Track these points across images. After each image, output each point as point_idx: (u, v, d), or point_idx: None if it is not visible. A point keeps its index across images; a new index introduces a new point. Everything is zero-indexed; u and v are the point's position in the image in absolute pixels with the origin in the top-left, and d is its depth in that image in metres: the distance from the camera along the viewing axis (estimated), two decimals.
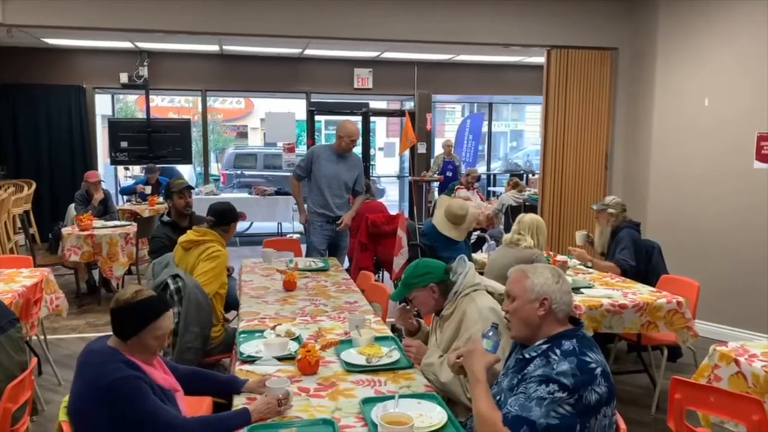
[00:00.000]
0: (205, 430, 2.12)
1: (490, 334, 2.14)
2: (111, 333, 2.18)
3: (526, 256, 3.83)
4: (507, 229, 7.47)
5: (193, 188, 4.85)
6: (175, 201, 4.66)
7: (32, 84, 9.28)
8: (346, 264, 5.90)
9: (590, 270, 4.64)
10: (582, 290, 3.95)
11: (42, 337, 4.59)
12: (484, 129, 12.87)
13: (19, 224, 8.24)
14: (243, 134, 22.31)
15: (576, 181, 6.54)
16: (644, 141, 6.20)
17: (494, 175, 13.33)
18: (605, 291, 3.97)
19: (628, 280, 4.35)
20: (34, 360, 2.68)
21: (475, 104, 16.56)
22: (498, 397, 2.05)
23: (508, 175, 12.47)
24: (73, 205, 7.09)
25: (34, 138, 9.41)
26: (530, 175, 11.85)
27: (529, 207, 7.51)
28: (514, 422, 1.87)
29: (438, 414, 2.17)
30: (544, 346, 2.01)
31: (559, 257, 4.66)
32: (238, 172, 13.85)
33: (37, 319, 4.14)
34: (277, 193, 10.21)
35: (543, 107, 6.58)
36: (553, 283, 2.06)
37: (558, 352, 1.96)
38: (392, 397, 2.21)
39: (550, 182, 6.52)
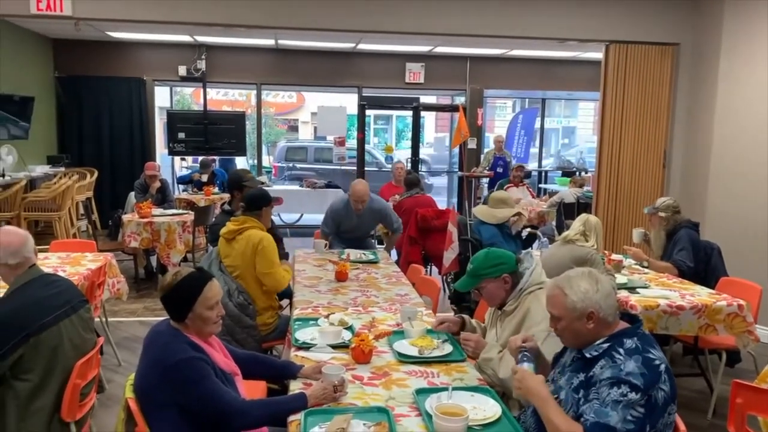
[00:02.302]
0: (264, 412, 2.19)
1: (525, 360, 2.13)
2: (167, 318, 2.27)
3: (581, 254, 3.77)
4: (560, 226, 7.40)
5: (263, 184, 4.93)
6: (238, 193, 4.73)
7: (96, 76, 9.63)
8: (394, 256, 5.93)
9: (646, 270, 4.54)
10: (638, 290, 3.88)
11: (103, 319, 4.78)
12: (537, 125, 12.69)
13: (81, 210, 8.58)
14: (294, 128, 22.61)
15: (632, 179, 6.40)
16: (704, 140, 6.01)
17: (545, 172, 13.13)
18: (662, 291, 3.88)
19: (685, 281, 4.24)
20: (101, 339, 2.80)
21: (527, 100, 16.37)
22: (556, 396, 2.03)
23: (560, 172, 12.28)
24: (133, 194, 7.34)
25: (96, 128, 9.78)
26: (583, 173, 11.62)
27: (583, 204, 7.39)
28: (593, 429, 1.85)
29: (492, 407, 2.17)
30: (605, 345, 1.98)
31: (614, 256, 4.57)
32: (290, 164, 14.05)
33: (100, 301, 4.32)
34: (327, 186, 10.30)
35: (600, 103, 6.45)
36: (594, 293, 2.01)
37: (621, 351, 1.94)
38: (446, 389, 2.22)
39: (605, 180, 6.40)
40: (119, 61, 9.73)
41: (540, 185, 12.14)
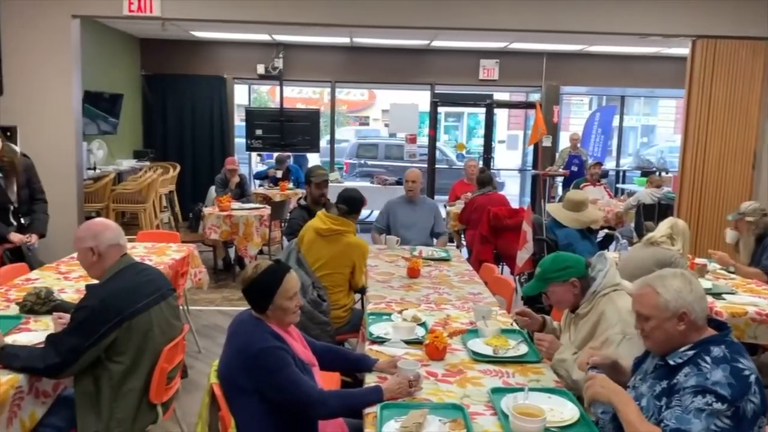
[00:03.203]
0: (340, 402, 2.24)
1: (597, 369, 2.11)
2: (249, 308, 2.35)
3: (665, 257, 3.63)
4: (638, 228, 7.15)
5: (329, 182, 5.05)
6: (312, 189, 4.90)
7: (180, 74, 10.04)
8: (465, 255, 5.91)
9: (732, 275, 4.33)
10: (724, 296, 3.71)
11: (185, 307, 4.99)
12: (615, 123, 12.30)
13: (164, 203, 8.98)
14: (365, 125, 22.83)
15: (718, 181, 6.12)
16: None
17: (624, 171, 12.71)
18: (750, 298, 3.70)
19: None
20: (186, 326, 2.93)
21: (604, 97, 15.87)
22: (638, 403, 1.98)
23: (639, 172, 11.86)
24: (213, 188, 7.62)
25: (179, 124, 10.21)
26: (663, 173, 11.17)
27: (664, 206, 7.11)
28: None
29: (569, 410, 2.14)
30: (691, 353, 1.91)
31: (698, 260, 4.39)
32: (361, 161, 14.20)
33: (183, 290, 4.51)
34: (398, 182, 10.34)
35: (685, 101, 6.19)
36: (688, 293, 1.93)
37: (708, 359, 1.86)
38: (522, 389, 2.20)
39: (689, 181, 6.14)
40: (201, 60, 10.10)
41: (617, 185, 11.76)
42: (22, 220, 4.39)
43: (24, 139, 5.63)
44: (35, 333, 2.80)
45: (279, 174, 8.94)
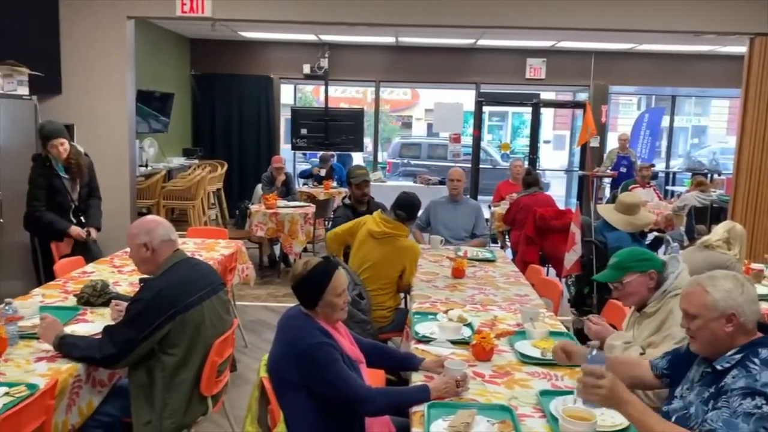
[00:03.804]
0: (388, 400, 2.25)
1: (593, 354, 1.90)
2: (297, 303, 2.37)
3: (720, 261, 3.53)
4: (689, 231, 6.95)
5: (369, 182, 5.07)
6: (353, 190, 4.94)
7: (228, 74, 10.23)
8: (509, 255, 5.85)
9: None
10: None
11: (232, 302, 5.08)
12: (663, 124, 12.00)
13: (212, 200, 9.16)
14: (407, 124, 22.84)
15: None
16: None
17: (674, 173, 12.38)
18: None
19: None
20: (236, 321, 2.99)
21: (653, 97, 15.49)
22: (685, 412, 1.94)
23: (690, 174, 11.53)
24: (260, 186, 7.74)
25: (226, 123, 10.40)
26: (716, 175, 10.84)
27: (717, 209, 6.90)
28: None
29: (620, 415, 2.09)
30: (738, 356, 1.87)
31: (754, 265, 4.24)
32: (404, 161, 14.21)
33: (230, 285, 4.60)
34: (441, 182, 10.31)
35: (741, 101, 6.00)
36: (738, 295, 1.89)
37: (757, 360, 1.81)
38: (571, 392, 2.17)
39: (744, 183, 5.95)
40: (249, 60, 10.27)
41: (667, 187, 11.47)
42: (82, 218, 4.55)
43: (80, 137, 5.82)
44: (92, 324, 2.91)
45: (322, 173, 9.02)
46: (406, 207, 3.97)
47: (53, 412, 2.24)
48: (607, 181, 9.95)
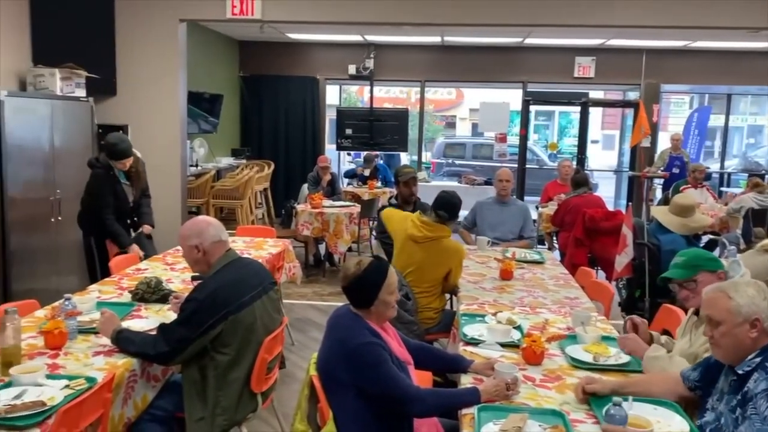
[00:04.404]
0: (437, 401, 2.24)
1: (612, 411, 1.94)
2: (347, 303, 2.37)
3: None
4: (746, 234, 6.70)
5: (417, 179, 5.05)
6: (401, 188, 4.92)
7: (275, 75, 10.38)
8: (557, 257, 5.75)
9: None
10: None
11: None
12: (711, 123, 11.63)
13: (259, 200, 9.30)
14: (451, 124, 22.73)
15: None
16: None
17: (728, 174, 11.97)
18: None
19: None
20: (285, 319, 3.02)
21: (707, 95, 15.00)
22: (717, 423, 1.93)
23: (746, 175, 11.13)
24: (305, 185, 7.82)
25: (273, 123, 10.56)
26: None
27: None
28: None
29: (678, 423, 2.04)
30: (758, 359, 1.88)
31: None
32: (448, 161, 14.14)
33: (279, 284, 4.65)
34: (486, 183, 10.22)
35: None
36: (761, 300, 1.91)
37: None
38: (626, 399, 2.12)
39: None
40: (295, 61, 10.39)
41: (721, 188, 11.10)
42: (135, 218, 4.69)
43: (134, 137, 5.99)
44: (146, 320, 2.98)
45: (366, 172, 9.05)
46: (447, 207, 3.88)
47: (110, 406, 2.30)
48: (658, 182, 9.69)
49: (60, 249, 5.15)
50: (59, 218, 5.10)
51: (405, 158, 12.05)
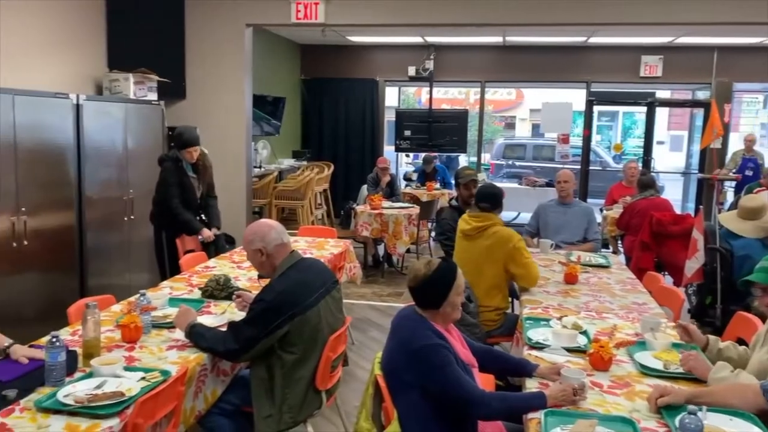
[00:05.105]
0: (502, 405, 2.22)
1: (687, 422, 1.87)
2: (410, 303, 2.38)
3: None
4: None
5: (477, 182, 5.02)
6: (461, 190, 4.91)
7: (335, 78, 10.51)
8: (622, 260, 5.60)
9: None
10: None
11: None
12: None
13: (319, 200, 9.44)
14: (510, 125, 22.47)
15: None
16: None
17: None
18: None
19: None
20: (349, 318, 3.06)
21: None
22: None
23: None
24: (365, 186, 7.89)
25: (333, 125, 10.70)
26: None
27: None
28: None
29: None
30: None
31: None
32: (508, 162, 13.96)
33: (340, 283, 4.71)
34: (548, 184, 10.04)
35: None
36: None
37: None
38: (700, 409, 2.05)
39: None
40: (356, 64, 10.49)
41: None
42: (203, 216, 4.85)
43: (202, 139, 6.15)
44: (215, 316, 3.08)
45: (414, 176, 9.08)
46: (488, 197, 3.90)
47: (183, 398, 2.39)
48: (729, 184, 9.30)
49: (132, 247, 5.38)
50: (132, 217, 5.32)
51: (464, 160, 11.97)
